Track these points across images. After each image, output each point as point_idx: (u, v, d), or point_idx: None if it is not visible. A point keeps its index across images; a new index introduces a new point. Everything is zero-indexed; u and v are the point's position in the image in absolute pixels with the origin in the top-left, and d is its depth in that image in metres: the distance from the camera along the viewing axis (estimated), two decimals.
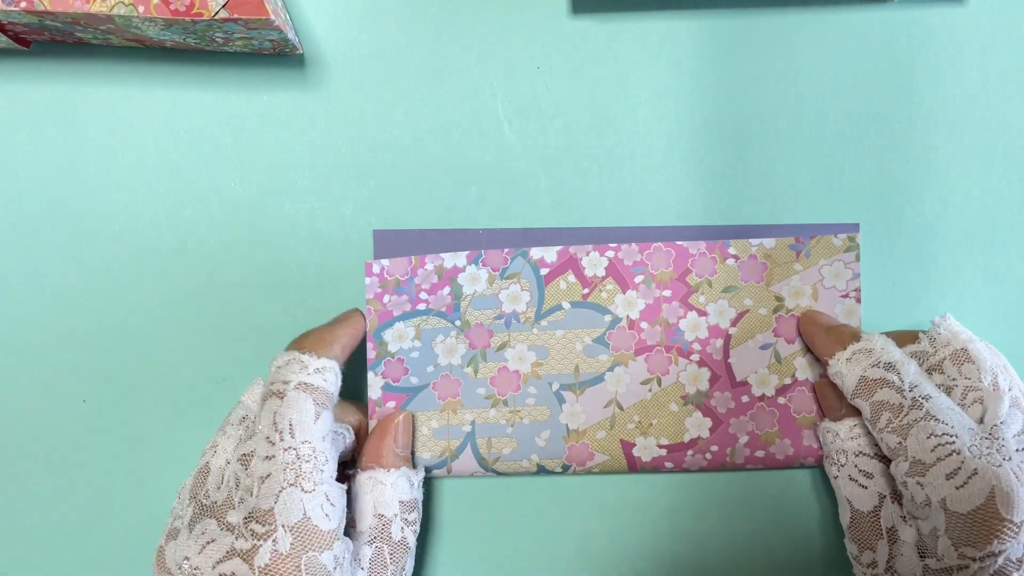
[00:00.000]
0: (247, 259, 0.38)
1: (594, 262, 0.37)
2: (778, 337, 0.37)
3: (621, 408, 0.36)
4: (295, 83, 0.38)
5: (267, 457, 0.30)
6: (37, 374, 0.38)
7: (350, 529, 0.34)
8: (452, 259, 0.37)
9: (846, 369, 0.33)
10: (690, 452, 0.36)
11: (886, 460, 0.33)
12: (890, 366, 0.32)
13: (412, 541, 0.34)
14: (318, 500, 0.30)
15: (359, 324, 0.36)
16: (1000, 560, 0.29)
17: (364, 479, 0.34)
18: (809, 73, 0.38)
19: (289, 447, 0.30)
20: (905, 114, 0.38)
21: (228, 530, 0.29)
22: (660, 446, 0.36)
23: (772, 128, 0.38)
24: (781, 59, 0.38)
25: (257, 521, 0.29)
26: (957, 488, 0.29)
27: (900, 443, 0.31)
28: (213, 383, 0.38)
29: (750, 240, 0.37)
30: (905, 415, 0.31)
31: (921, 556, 0.31)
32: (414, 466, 0.36)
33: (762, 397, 0.36)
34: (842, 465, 0.34)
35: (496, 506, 0.38)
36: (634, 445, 0.36)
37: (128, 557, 0.38)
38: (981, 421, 0.31)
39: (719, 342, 0.37)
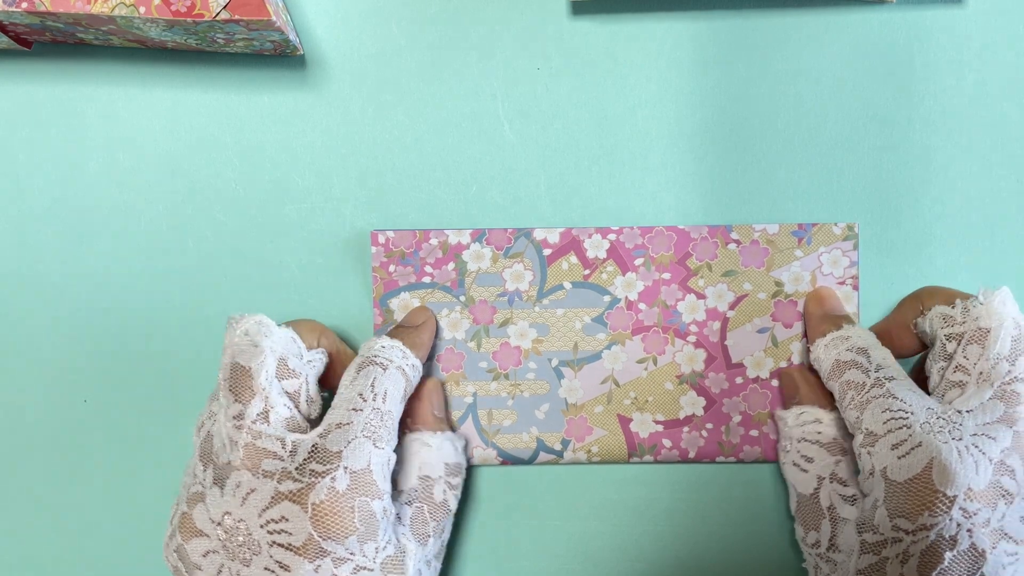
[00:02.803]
0: (247, 259, 0.38)
1: (596, 244, 0.37)
2: (776, 322, 0.37)
3: (617, 385, 0.37)
4: (296, 84, 0.38)
5: (353, 409, 0.31)
6: (37, 374, 0.38)
7: (394, 491, 0.34)
8: (456, 236, 0.38)
9: (823, 354, 0.34)
10: (686, 429, 0.37)
11: (828, 447, 0.34)
12: (862, 351, 0.33)
13: (453, 505, 0.35)
14: (382, 459, 0.31)
15: (434, 327, 0.37)
16: (932, 535, 0.29)
17: (410, 441, 0.35)
18: (808, 74, 0.38)
19: (377, 408, 0.31)
20: (904, 115, 0.38)
21: (268, 477, 0.29)
22: (656, 422, 0.37)
23: (771, 128, 0.38)
24: (780, 60, 0.38)
25: (318, 460, 0.30)
26: (899, 458, 0.30)
27: (858, 417, 0.32)
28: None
29: (753, 225, 0.37)
30: (867, 392, 0.32)
31: (859, 532, 0.31)
32: (455, 430, 0.37)
33: (756, 379, 0.37)
34: (787, 452, 0.35)
35: (496, 506, 0.38)
36: (631, 420, 0.37)
37: (128, 556, 0.38)
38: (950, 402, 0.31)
39: (716, 325, 0.37)
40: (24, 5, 0.33)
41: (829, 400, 0.35)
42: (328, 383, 0.35)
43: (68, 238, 0.38)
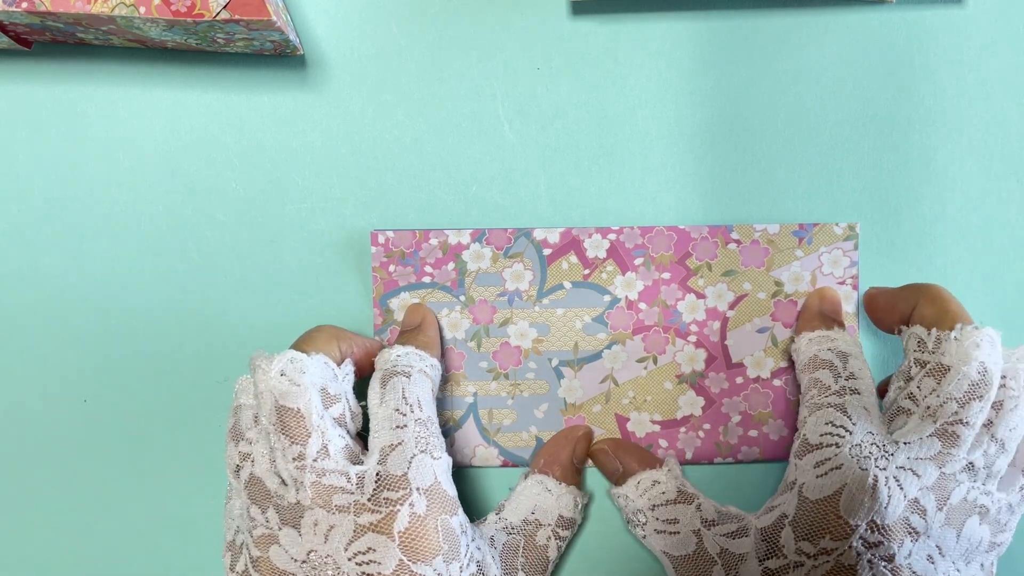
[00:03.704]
0: (247, 259, 0.38)
1: (596, 244, 0.37)
2: (776, 321, 0.37)
3: (616, 384, 0.38)
4: (296, 84, 0.38)
5: (397, 427, 0.31)
6: (37, 374, 0.38)
7: (493, 513, 0.35)
8: (456, 236, 0.38)
9: (805, 347, 0.35)
10: (683, 429, 0.37)
11: (680, 499, 0.34)
12: (842, 355, 0.34)
13: (553, 554, 0.35)
14: (444, 467, 0.31)
15: (436, 319, 0.37)
16: (831, 561, 0.29)
17: (534, 481, 0.35)
18: (808, 74, 0.38)
19: (419, 419, 0.31)
20: (904, 115, 0.38)
21: (343, 512, 0.29)
22: (653, 421, 0.37)
23: (771, 128, 0.38)
24: (780, 60, 0.38)
25: (389, 488, 0.30)
26: (818, 476, 0.30)
27: (804, 419, 0.33)
28: (213, 383, 0.38)
29: (753, 225, 0.37)
30: (825, 396, 0.32)
31: (760, 561, 0.31)
32: (581, 489, 0.37)
33: (757, 379, 0.37)
34: (644, 523, 0.35)
35: (495, 504, 0.38)
36: (628, 420, 0.37)
37: (128, 556, 0.38)
38: (895, 431, 0.31)
39: (716, 324, 0.37)
40: (24, 5, 0.33)
41: (652, 459, 0.36)
42: (358, 376, 0.35)
43: (68, 238, 0.38)
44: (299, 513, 0.30)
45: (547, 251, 0.38)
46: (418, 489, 0.30)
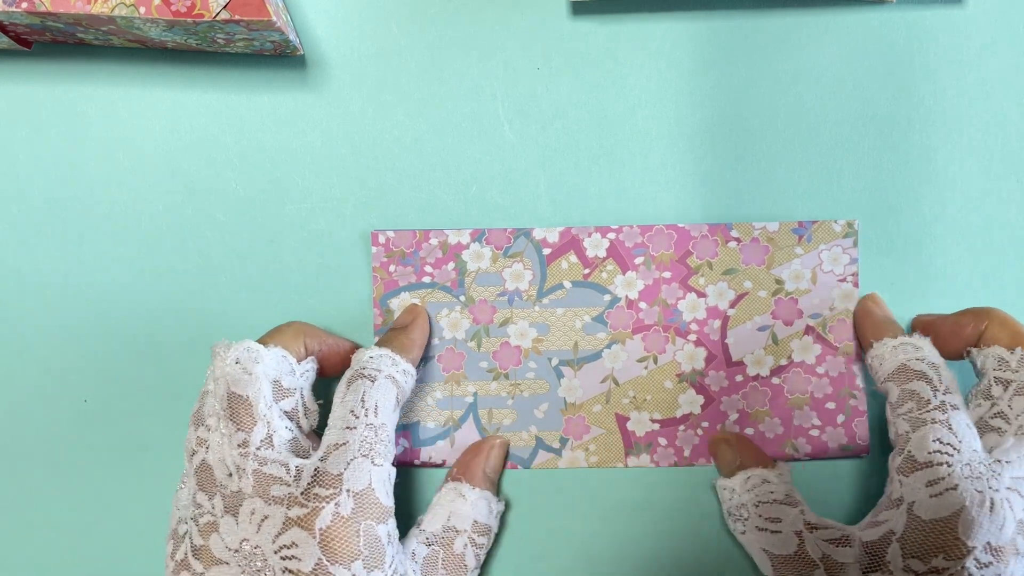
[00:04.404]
0: (247, 259, 0.38)
1: (595, 243, 0.37)
2: (776, 319, 0.37)
3: (617, 384, 0.38)
4: (296, 84, 0.38)
5: (347, 428, 0.31)
6: (37, 374, 0.38)
7: (414, 527, 0.35)
8: (456, 236, 0.38)
9: (889, 354, 0.34)
10: (682, 427, 0.37)
11: (786, 502, 0.34)
12: (933, 366, 0.33)
13: (472, 562, 0.35)
14: (383, 476, 0.31)
15: (426, 322, 0.37)
16: None
17: (448, 488, 0.36)
18: (808, 74, 0.38)
19: (370, 424, 0.31)
20: (904, 115, 0.38)
21: (278, 504, 0.30)
22: (653, 420, 0.37)
23: (771, 128, 0.38)
24: (780, 60, 0.38)
25: (321, 484, 0.30)
26: (931, 496, 0.30)
27: (907, 433, 0.32)
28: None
29: (753, 223, 0.37)
30: (927, 411, 0.32)
31: (863, 572, 0.31)
32: (497, 494, 0.37)
33: (756, 377, 0.37)
34: (746, 519, 0.34)
35: None
36: (628, 419, 0.37)
37: (128, 556, 0.38)
38: (990, 449, 0.31)
39: (717, 323, 0.37)
40: (24, 5, 0.33)
41: (768, 459, 0.35)
42: (326, 374, 0.36)
43: (68, 238, 0.38)
44: (239, 501, 0.30)
45: (547, 251, 0.38)
46: (348, 491, 0.30)
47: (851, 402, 0.37)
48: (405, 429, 0.38)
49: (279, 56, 0.38)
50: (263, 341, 0.33)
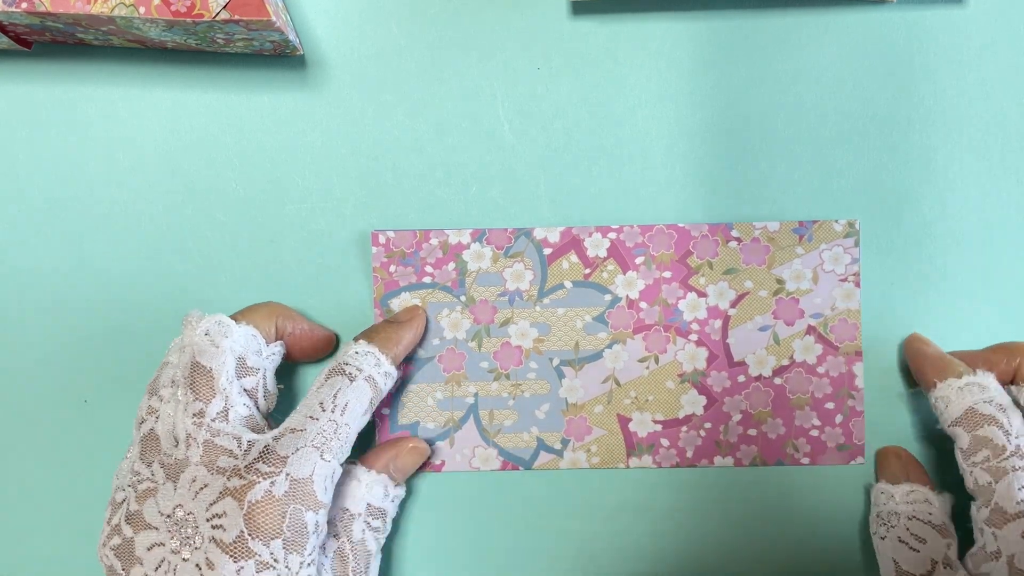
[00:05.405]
0: (247, 259, 0.38)
1: (596, 243, 0.37)
2: (777, 319, 0.37)
3: (618, 384, 0.37)
4: (296, 84, 0.38)
5: (310, 417, 0.31)
6: (37, 374, 0.38)
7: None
8: (456, 236, 0.38)
9: (955, 396, 0.33)
10: (684, 428, 0.37)
11: (939, 529, 0.33)
12: (1002, 408, 0.32)
13: (373, 547, 0.34)
14: (327, 471, 0.31)
15: (422, 326, 0.37)
16: None
17: (345, 470, 0.35)
18: (808, 74, 0.38)
19: (332, 420, 0.31)
20: (904, 115, 0.38)
21: (220, 474, 0.30)
22: (655, 421, 0.37)
23: (771, 129, 0.38)
24: (780, 60, 0.38)
25: (265, 462, 0.30)
26: None
27: (990, 484, 0.31)
28: None
29: (754, 223, 0.37)
30: (1005, 459, 0.31)
31: None
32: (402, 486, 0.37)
33: (758, 377, 0.37)
34: (892, 527, 0.34)
35: (496, 506, 0.38)
36: (630, 420, 0.37)
37: None
38: None
39: (718, 323, 0.37)
40: (24, 5, 0.33)
41: (932, 483, 0.35)
42: (294, 358, 0.36)
43: (68, 238, 0.38)
44: (182, 468, 0.30)
45: (547, 250, 0.38)
46: (288, 475, 0.30)
47: (849, 402, 0.37)
48: (405, 430, 0.38)
49: (279, 56, 0.38)
50: (236, 317, 0.34)
